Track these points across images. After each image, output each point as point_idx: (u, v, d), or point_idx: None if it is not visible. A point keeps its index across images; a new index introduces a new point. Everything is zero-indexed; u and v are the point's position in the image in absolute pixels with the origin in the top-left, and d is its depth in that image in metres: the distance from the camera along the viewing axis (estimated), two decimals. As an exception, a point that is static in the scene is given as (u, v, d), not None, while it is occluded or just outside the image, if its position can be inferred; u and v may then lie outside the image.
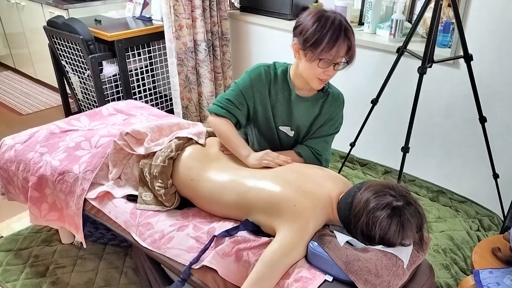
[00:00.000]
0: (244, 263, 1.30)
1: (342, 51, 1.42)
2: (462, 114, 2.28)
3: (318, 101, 1.63)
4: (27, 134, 1.92)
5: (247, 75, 1.60)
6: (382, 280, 1.16)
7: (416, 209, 1.24)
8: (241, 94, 1.60)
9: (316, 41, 1.39)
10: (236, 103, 1.60)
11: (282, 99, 1.61)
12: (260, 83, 1.59)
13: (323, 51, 1.40)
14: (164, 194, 1.52)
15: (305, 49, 1.43)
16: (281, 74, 1.60)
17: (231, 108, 1.60)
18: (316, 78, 1.48)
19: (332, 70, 1.46)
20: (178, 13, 2.72)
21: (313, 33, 1.40)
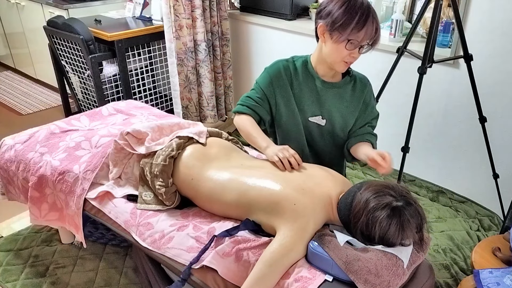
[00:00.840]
0: (244, 263, 1.30)
1: (370, 33, 1.43)
2: (462, 114, 2.28)
3: (346, 87, 1.64)
4: (27, 134, 1.92)
5: (266, 72, 1.61)
6: (382, 280, 1.16)
7: (416, 209, 1.24)
8: (262, 91, 1.61)
9: (346, 21, 1.41)
10: (257, 100, 1.61)
11: (308, 90, 1.61)
12: (280, 79, 1.60)
13: (352, 32, 1.41)
14: (164, 193, 1.52)
15: (332, 31, 1.44)
16: (302, 66, 1.61)
17: (252, 105, 1.61)
18: (342, 61, 1.49)
19: (357, 52, 1.47)
20: (178, 13, 2.72)
21: (342, 14, 1.41)
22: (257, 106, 1.61)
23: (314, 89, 1.60)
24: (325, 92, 1.60)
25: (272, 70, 1.61)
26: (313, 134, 1.67)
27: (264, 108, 1.62)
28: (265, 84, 1.61)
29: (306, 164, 1.54)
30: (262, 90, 1.61)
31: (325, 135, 1.68)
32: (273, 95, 1.61)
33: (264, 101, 1.62)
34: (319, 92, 1.60)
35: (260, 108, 1.62)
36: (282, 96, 1.61)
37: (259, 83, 1.62)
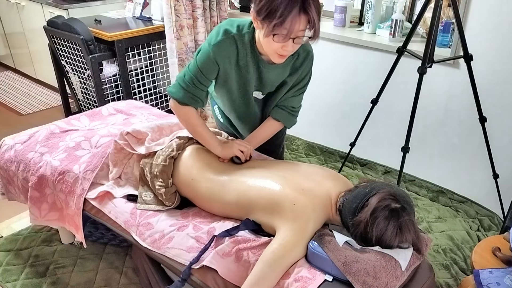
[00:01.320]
0: (244, 263, 1.30)
1: (299, 25, 1.27)
2: (462, 114, 2.28)
3: (288, 63, 1.55)
4: (27, 134, 1.92)
5: (209, 48, 1.44)
6: (380, 282, 1.16)
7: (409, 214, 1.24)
8: (202, 74, 1.47)
9: (269, 14, 1.26)
10: (198, 84, 1.49)
11: (252, 64, 1.50)
12: (227, 51, 1.45)
13: (276, 26, 1.26)
14: (164, 193, 1.52)
15: (260, 21, 1.31)
16: (249, 41, 1.46)
17: (194, 90, 1.49)
18: (275, 53, 1.36)
19: (291, 44, 1.32)
20: (179, 13, 2.72)
21: (265, 4, 1.26)
22: (199, 91, 1.49)
23: (257, 66, 1.52)
24: (266, 71, 1.53)
25: (216, 44, 1.43)
26: (250, 103, 1.65)
27: (204, 92, 1.52)
28: (207, 60, 1.45)
29: (305, 164, 1.54)
30: (202, 72, 1.47)
31: (262, 104, 1.70)
32: (216, 67, 1.48)
33: (207, 82, 1.50)
34: (261, 71, 1.53)
35: (201, 93, 1.51)
36: (229, 65, 1.49)
37: (199, 62, 1.46)
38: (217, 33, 1.44)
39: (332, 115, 2.83)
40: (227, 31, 1.44)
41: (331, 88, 2.75)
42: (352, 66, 2.60)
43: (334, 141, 2.90)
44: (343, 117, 2.78)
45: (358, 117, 2.70)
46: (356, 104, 2.67)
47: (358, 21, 2.69)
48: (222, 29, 1.44)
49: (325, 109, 2.85)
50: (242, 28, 1.45)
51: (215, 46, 1.43)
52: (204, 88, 1.52)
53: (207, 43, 1.45)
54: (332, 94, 2.77)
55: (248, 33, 1.46)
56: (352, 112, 2.72)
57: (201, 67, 1.47)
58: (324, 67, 2.72)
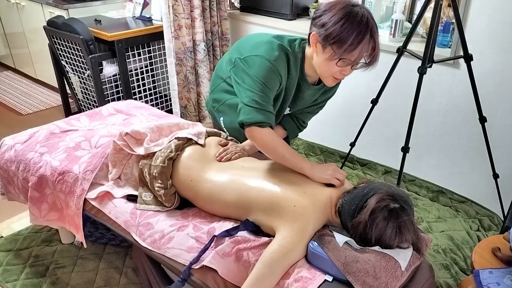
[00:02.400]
0: (244, 263, 1.30)
1: (365, 52, 1.32)
2: (462, 114, 2.28)
3: (322, 87, 1.58)
4: (27, 134, 1.92)
5: (269, 63, 1.38)
6: (380, 282, 1.16)
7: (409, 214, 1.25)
8: (268, 88, 1.40)
9: (339, 40, 1.28)
10: (268, 101, 1.41)
11: (296, 83, 1.50)
12: (283, 66, 1.42)
13: (346, 51, 1.29)
14: (163, 194, 1.52)
15: (324, 45, 1.32)
16: (300, 61, 1.45)
17: (268, 107, 1.40)
18: (331, 76, 1.39)
19: (349, 69, 1.37)
20: (177, 13, 2.72)
21: (338, 31, 1.28)
22: (270, 107, 1.42)
23: (299, 85, 1.52)
24: (304, 91, 1.54)
25: (272, 57, 1.40)
26: (277, 119, 1.63)
27: (272, 108, 1.45)
28: (273, 80, 1.41)
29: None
30: (270, 89, 1.40)
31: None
32: (279, 83, 1.44)
33: (272, 98, 1.44)
34: (301, 90, 1.54)
35: (272, 109, 1.43)
36: (283, 80, 1.46)
37: (265, 80, 1.39)
38: (271, 48, 1.41)
39: (332, 115, 2.83)
40: (282, 46, 1.42)
41: (331, 88, 2.75)
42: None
43: (334, 141, 2.90)
44: (343, 117, 2.78)
45: (358, 117, 2.69)
46: (356, 104, 2.67)
47: (358, 21, 2.69)
48: (276, 44, 1.42)
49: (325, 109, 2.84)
50: (294, 46, 1.46)
51: (275, 61, 1.39)
52: (271, 103, 1.43)
53: (263, 59, 1.39)
54: (332, 94, 2.76)
55: (299, 52, 1.46)
56: (352, 112, 2.72)
57: (265, 82, 1.39)
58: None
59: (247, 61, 1.42)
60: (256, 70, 1.39)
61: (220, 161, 1.55)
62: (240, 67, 1.45)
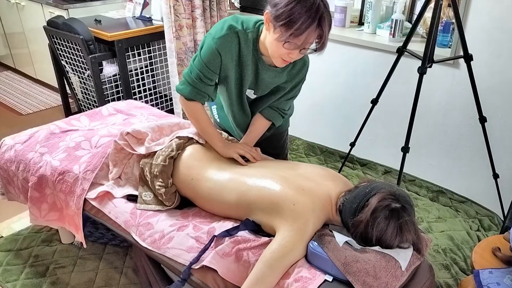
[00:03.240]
0: (244, 263, 1.30)
1: (311, 39, 1.32)
2: (462, 114, 2.28)
3: (285, 69, 1.57)
4: (27, 134, 1.92)
5: (213, 41, 1.44)
6: (380, 282, 1.16)
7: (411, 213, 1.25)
8: (207, 68, 1.48)
9: (287, 23, 1.28)
10: (205, 80, 1.50)
11: (251, 63, 1.51)
12: (230, 46, 1.46)
13: (292, 35, 1.29)
14: (164, 193, 1.52)
15: (274, 25, 1.32)
16: (252, 40, 1.47)
17: (200, 86, 1.51)
18: (279, 57, 1.39)
19: (297, 53, 1.37)
20: (178, 13, 2.72)
21: (286, 13, 1.28)
22: (206, 87, 1.51)
23: (256, 65, 1.53)
24: (263, 72, 1.54)
25: (220, 39, 1.43)
26: (243, 101, 1.65)
27: (212, 86, 1.53)
28: (211, 56, 1.46)
29: (306, 164, 1.54)
30: (207, 67, 1.47)
31: (251, 103, 1.70)
32: (220, 63, 1.49)
33: (213, 77, 1.51)
34: (259, 71, 1.54)
35: (209, 88, 1.53)
36: (230, 61, 1.49)
37: (203, 57, 1.46)
38: (222, 28, 1.45)
39: (332, 115, 2.83)
40: (231, 26, 1.45)
41: (331, 88, 2.75)
42: (352, 66, 2.60)
43: (334, 141, 2.90)
44: (343, 117, 2.78)
45: (358, 117, 2.70)
46: (356, 104, 2.68)
47: (358, 21, 2.69)
48: (227, 24, 1.46)
49: (325, 109, 2.85)
50: (247, 26, 1.48)
51: (219, 39, 1.44)
52: (210, 83, 1.53)
53: (211, 37, 1.46)
54: (332, 94, 2.77)
55: (252, 32, 1.47)
56: (352, 112, 2.72)
57: (206, 61, 1.47)
58: (324, 67, 2.72)
59: (204, 38, 1.50)
60: (203, 50, 1.48)
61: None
62: (201, 43, 1.52)
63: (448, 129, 2.36)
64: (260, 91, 1.62)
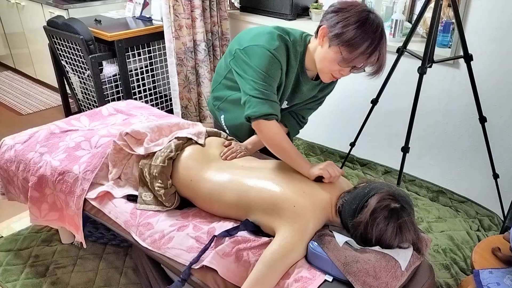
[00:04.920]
0: (244, 263, 1.30)
1: (371, 62, 1.33)
2: (462, 114, 2.28)
3: (320, 83, 1.57)
4: (27, 134, 1.92)
5: (269, 52, 1.36)
6: (381, 282, 1.16)
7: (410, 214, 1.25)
8: (270, 76, 1.38)
9: (351, 45, 1.27)
10: (273, 89, 1.39)
11: (294, 75, 1.49)
12: (283, 57, 1.40)
13: (353, 57, 1.29)
14: (164, 194, 1.52)
15: (332, 41, 1.30)
16: (300, 53, 1.44)
17: (273, 96, 1.39)
18: (329, 73, 1.38)
19: (348, 71, 1.37)
20: (177, 13, 2.72)
21: (351, 34, 1.26)
22: (278, 104, 1.40)
23: (297, 78, 1.51)
24: (302, 85, 1.53)
25: (277, 52, 1.38)
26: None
27: (276, 94, 1.43)
28: (274, 69, 1.38)
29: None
30: (273, 79, 1.38)
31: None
32: (281, 74, 1.42)
33: (276, 85, 1.41)
34: (299, 84, 1.52)
35: (278, 103, 1.41)
36: (282, 72, 1.45)
37: (267, 70, 1.37)
38: (272, 38, 1.39)
39: (332, 115, 2.83)
40: (282, 37, 1.41)
41: (331, 88, 2.75)
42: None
43: (334, 141, 2.90)
44: (343, 117, 2.78)
45: (358, 117, 2.69)
46: (356, 104, 2.67)
47: (358, 21, 2.69)
48: (276, 34, 1.40)
49: (325, 109, 2.85)
50: (294, 38, 1.45)
51: (276, 50, 1.37)
52: (276, 92, 1.41)
53: (264, 48, 1.36)
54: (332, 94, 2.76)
55: (300, 45, 1.45)
56: (352, 112, 2.72)
57: (268, 72, 1.37)
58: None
59: (247, 52, 1.41)
60: (257, 61, 1.37)
61: (225, 159, 1.56)
62: (240, 58, 1.43)
63: (448, 129, 2.36)
64: (294, 102, 1.61)
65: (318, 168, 1.39)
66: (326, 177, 1.38)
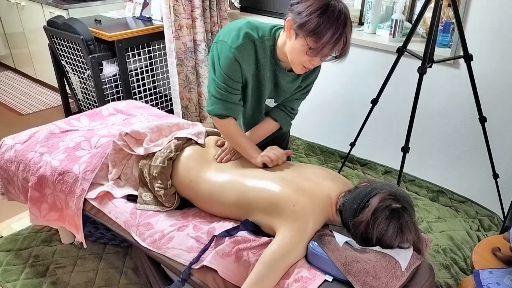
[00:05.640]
0: (244, 263, 1.30)
1: (338, 48, 1.32)
2: (462, 114, 2.28)
3: (300, 74, 1.56)
4: (27, 134, 1.92)
5: (230, 52, 1.40)
6: (381, 282, 1.16)
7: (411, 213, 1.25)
8: (230, 78, 1.44)
9: (315, 34, 1.27)
10: (231, 90, 1.46)
11: (269, 70, 1.50)
12: (248, 55, 1.43)
13: (318, 45, 1.29)
14: (163, 194, 1.52)
15: (298, 32, 1.30)
16: (269, 47, 1.45)
17: (229, 97, 1.47)
18: (300, 64, 1.38)
19: (318, 60, 1.37)
20: (178, 13, 2.72)
21: (313, 24, 1.26)
22: (233, 97, 1.47)
23: (273, 72, 1.51)
24: (282, 78, 1.53)
25: (239, 52, 1.40)
26: (260, 110, 1.65)
27: (238, 96, 1.49)
28: (231, 67, 1.42)
29: (305, 165, 1.54)
30: (230, 78, 1.43)
31: (267, 110, 1.68)
32: (241, 73, 1.46)
33: (237, 88, 1.48)
34: (277, 78, 1.53)
35: (235, 98, 1.49)
36: (248, 71, 1.47)
37: (223, 69, 1.42)
38: (237, 36, 1.41)
39: (332, 115, 2.83)
40: (248, 34, 1.42)
41: (331, 88, 2.75)
42: (352, 66, 2.60)
43: (334, 141, 2.90)
44: (343, 117, 2.78)
45: (358, 117, 2.69)
46: (356, 104, 2.67)
47: (358, 21, 2.69)
48: (243, 32, 1.41)
49: (325, 109, 2.85)
50: (263, 33, 1.45)
51: (236, 49, 1.40)
52: (237, 93, 1.49)
53: (227, 46, 1.41)
54: (332, 94, 2.77)
55: (269, 40, 1.45)
56: (352, 112, 2.72)
57: (227, 72, 1.43)
58: (325, 67, 2.72)
59: (218, 47, 1.45)
60: (222, 60, 1.43)
61: (220, 162, 1.56)
62: (214, 52, 1.47)
63: (448, 129, 2.36)
64: (281, 98, 1.62)
65: (260, 155, 1.51)
66: (268, 162, 1.49)
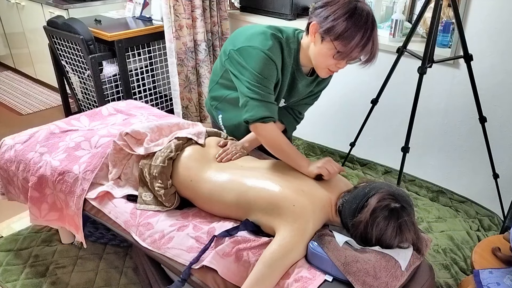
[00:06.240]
0: (244, 263, 1.30)
1: (366, 51, 1.33)
2: (462, 114, 2.28)
3: (316, 79, 1.57)
4: (27, 134, 1.92)
5: (264, 53, 1.37)
6: (380, 282, 1.16)
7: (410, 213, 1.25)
8: (264, 78, 1.39)
9: (343, 38, 1.27)
10: (269, 90, 1.40)
11: (289, 73, 1.49)
12: (278, 56, 1.41)
13: (347, 49, 1.29)
14: (164, 194, 1.52)
15: (325, 37, 1.30)
16: (294, 50, 1.44)
17: (269, 97, 1.40)
18: (326, 68, 1.38)
19: (344, 63, 1.37)
20: (178, 13, 2.72)
21: (341, 28, 1.26)
22: (272, 101, 1.42)
23: (293, 75, 1.51)
24: (298, 81, 1.53)
25: (271, 52, 1.38)
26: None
27: (273, 95, 1.43)
28: (270, 70, 1.39)
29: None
30: (269, 80, 1.39)
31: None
32: (276, 75, 1.42)
33: (271, 85, 1.42)
34: (295, 81, 1.53)
35: (275, 104, 1.42)
36: (278, 71, 1.45)
37: (262, 71, 1.38)
38: (266, 38, 1.39)
39: (332, 115, 2.83)
40: (275, 36, 1.41)
41: (331, 88, 2.75)
42: (352, 66, 2.60)
43: (334, 141, 2.90)
44: (343, 117, 2.78)
45: (358, 117, 2.69)
46: (356, 104, 2.68)
47: (358, 21, 2.69)
48: (269, 34, 1.41)
49: (325, 109, 2.85)
50: (288, 36, 1.45)
51: (269, 50, 1.38)
52: (272, 93, 1.42)
53: (258, 50, 1.37)
54: (332, 94, 2.77)
55: (294, 42, 1.45)
56: (352, 112, 2.72)
57: (263, 73, 1.38)
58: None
59: (241, 53, 1.41)
60: (252, 63, 1.39)
61: (221, 162, 1.56)
62: (235, 59, 1.44)
63: (448, 129, 2.36)
64: (291, 99, 1.61)
65: (317, 166, 1.41)
66: (325, 175, 1.40)
